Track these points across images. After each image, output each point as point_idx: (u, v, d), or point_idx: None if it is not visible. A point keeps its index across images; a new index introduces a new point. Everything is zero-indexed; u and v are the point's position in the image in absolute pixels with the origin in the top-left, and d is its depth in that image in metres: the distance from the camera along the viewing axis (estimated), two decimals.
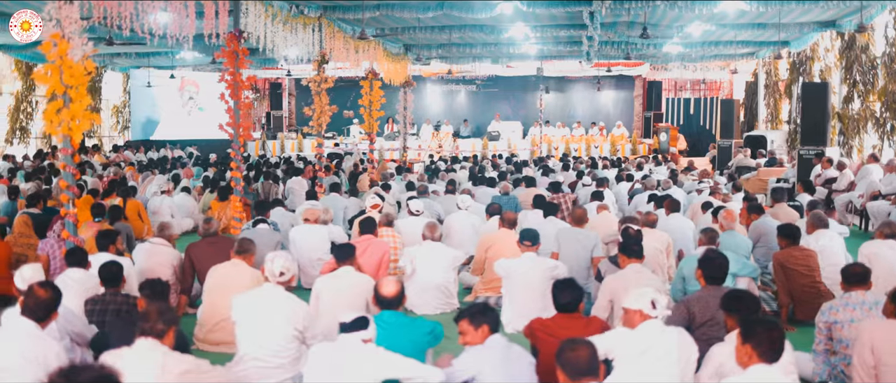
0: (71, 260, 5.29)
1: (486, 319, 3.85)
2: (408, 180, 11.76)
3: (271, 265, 4.38)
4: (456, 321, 3.89)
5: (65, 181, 6.99)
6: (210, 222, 6.45)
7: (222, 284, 5.38)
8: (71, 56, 6.74)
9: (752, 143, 17.59)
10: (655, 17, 13.61)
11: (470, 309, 3.91)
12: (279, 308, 4.32)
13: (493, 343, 3.83)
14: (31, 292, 3.72)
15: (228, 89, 9.88)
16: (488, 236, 7.10)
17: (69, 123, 6.82)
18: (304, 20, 11.77)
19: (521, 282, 5.91)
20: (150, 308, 3.40)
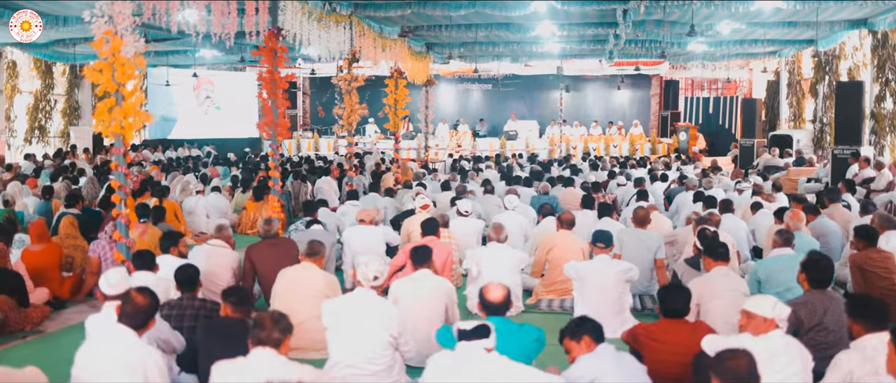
0: (139, 263, 5.13)
1: (584, 330, 3.71)
2: (443, 180, 11.59)
3: (365, 269, 4.22)
4: (560, 341, 3.77)
5: (117, 181, 6.82)
6: (271, 223, 6.28)
7: (293, 288, 5.22)
8: (123, 53, 6.57)
9: (778, 143, 17.42)
10: (687, 15, 13.44)
11: (569, 324, 3.78)
12: (374, 313, 4.16)
13: (603, 351, 3.68)
14: (129, 298, 3.55)
15: (266, 88, 9.73)
16: (549, 238, 6.94)
17: (121, 122, 6.65)
18: (336, 18, 11.60)
19: (594, 284, 5.75)
20: (264, 316, 3.24)
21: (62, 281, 6.62)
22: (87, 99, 19.75)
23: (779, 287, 5.77)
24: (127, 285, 4.13)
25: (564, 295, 6.79)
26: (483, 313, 3.96)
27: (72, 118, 19.25)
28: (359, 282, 4.25)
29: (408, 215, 8.51)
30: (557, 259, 6.79)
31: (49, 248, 6.56)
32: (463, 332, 3.37)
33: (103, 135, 7.01)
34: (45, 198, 9.90)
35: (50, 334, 5.73)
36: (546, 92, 25.65)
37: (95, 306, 6.50)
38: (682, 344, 4.01)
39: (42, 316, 5.90)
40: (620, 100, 25.65)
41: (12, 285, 5.74)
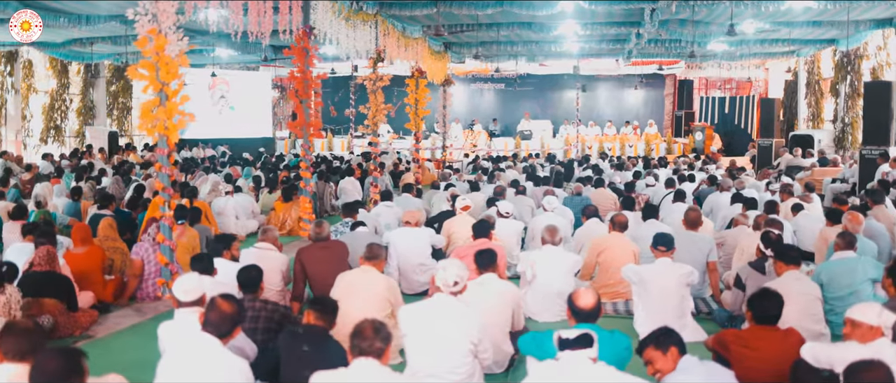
0: (197, 266, 4.99)
1: (672, 341, 3.57)
2: (472, 181, 11.45)
3: (444, 274, 4.09)
4: (639, 352, 3.62)
5: (161, 183, 6.72)
6: (321, 226, 6.15)
7: (351, 291, 5.09)
8: (168, 52, 6.45)
9: (799, 143, 17.28)
10: (713, 14, 13.34)
11: (653, 334, 3.63)
12: (454, 319, 4.03)
13: (688, 364, 3.55)
14: (215, 306, 3.43)
15: (297, 87, 9.61)
16: (599, 240, 6.81)
17: (166, 122, 6.53)
18: (363, 17, 11.48)
19: (656, 288, 5.62)
20: (365, 324, 3.11)
21: (105, 284, 6.49)
22: (102, 98, 19.64)
23: (841, 290, 5.67)
24: (201, 291, 4.01)
25: (616, 298, 6.67)
26: (572, 320, 3.84)
27: (87, 118, 19.12)
28: (439, 287, 4.12)
29: (445, 217, 8.38)
30: (609, 261, 6.68)
31: (92, 251, 6.43)
32: (565, 341, 3.24)
33: (148, 135, 6.81)
34: (73, 199, 9.77)
35: (99, 339, 5.60)
36: (559, 91, 25.53)
37: (140, 310, 6.42)
38: (775, 351, 3.89)
39: (90, 321, 5.77)
40: (633, 99, 25.54)
41: (62, 289, 5.61)
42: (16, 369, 2.94)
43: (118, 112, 20.47)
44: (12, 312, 5.10)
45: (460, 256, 6.26)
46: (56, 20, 11.88)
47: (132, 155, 17.76)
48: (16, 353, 2.99)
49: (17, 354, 2.99)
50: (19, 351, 2.99)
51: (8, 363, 2.97)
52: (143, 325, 5.97)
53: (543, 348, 3.80)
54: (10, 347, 3.02)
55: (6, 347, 3.03)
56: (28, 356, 2.96)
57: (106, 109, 19.79)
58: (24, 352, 2.98)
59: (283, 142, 23.30)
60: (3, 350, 3.04)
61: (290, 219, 10.37)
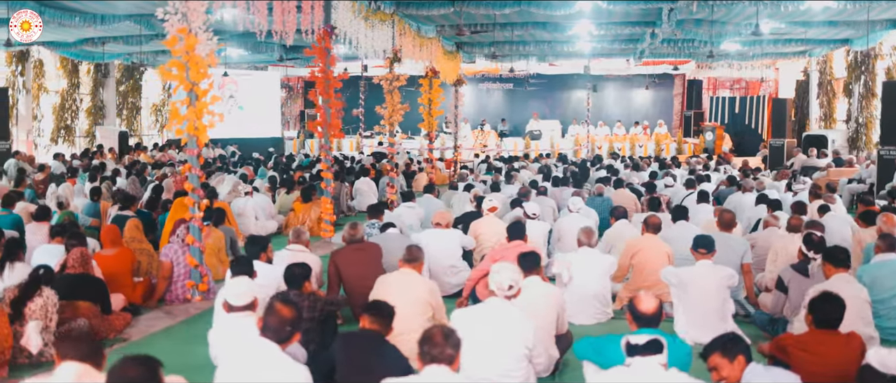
0: (237, 269, 4.92)
1: (739, 349, 3.49)
2: (493, 182, 11.38)
3: (499, 278, 4.02)
4: (704, 357, 3.54)
5: (191, 184, 6.64)
6: (356, 228, 6.08)
7: (392, 294, 4.99)
8: (198, 52, 6.38)
9: (812, 143, 17.23)
10: (731, 14, 13.27)
11: (719, 340, 3.54)
12: (509, 324, 3.97)
13: (755, 372, 3.48)
14: (274, 310, 3.35)
15: (318, 87, 9.55)
16: (634, 241, 6.75)
17: (195, 122, 6.46)
18: (380, 16, 11.41)
19: (698, 291, 5.56)
20: (435, 331, 3.04)
21: (134, 286, 6.42)
22: (112, 98, 19.58)
23: (885, 292, 5.62)
24: (253, 295, 3.94)
25: None
26: (634, 325, 3.77)
27: (97, 117, 19.05)
28: (493, 291, 4.05)
29: (470, 218, 8.30)
30: (643, 263, 6.60)
31: (122, 253, 6.36)
32: (635, 347, 3.17)
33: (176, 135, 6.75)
34: (93, 200, 9.69)
35: (134, 342, 5.52)
36: (568, 91, 25.48)
37: (170, 312, 6.35)
38: (837, 355, 3.83)
39: (124, 324, 5.70)
40: (642, 99, 25.49)
41: (95, 291, 5.54)
42: (78, 368, 2.95)
43: (127, 112, 20.41)
44: (49, 315, 5.04)
45: (495, 258, 6.20)
46: (71, 19, 11.81)
47: (143, 155, 17.68)
48: (76, 356, 2.99)
49: (76, 357, 2.99)
50: (79, 355, 3.00)
51: (70, 361, 2.98)
52: (176, 328, 5.90)
53: (605, 353, 3.74)
54: (69, 351, 3.02)
55: (65, 350, 3.03)
56: (88, 358, 2.99)
57: (115, 109, 19.71)
58: (83, 355, 3.00)
59: (291, 142, 23.24)
60: (62, 353, 3.04)
61: (309, 219, 10.29)
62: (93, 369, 2.98)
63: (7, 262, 5.71)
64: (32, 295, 4.99)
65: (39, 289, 5.02)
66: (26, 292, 4.98)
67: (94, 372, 2.99)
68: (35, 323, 4.91)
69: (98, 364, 3.02)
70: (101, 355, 3.05)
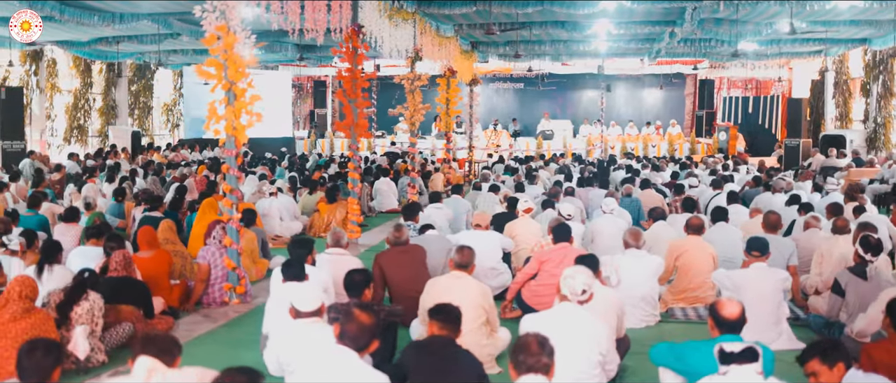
0: (288, 273, 4.81)
1: (840, 356, 3.36)
2: (517, 182, 11.27)
3: (572, 282, 3.91)
4: (802, 362, 3.41)
5: (228, 185, 6.53)
6: (401, 230, 5.97)
7: (445, 298, 4.88)
8: (237, 50, 6.27)
9: (830, 143, 17.12)
10: (754, 13, 13.15)
11: (818, 345, 3.41)
12: (583, 330, 3.86)
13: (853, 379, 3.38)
14: (353, 317, 3.24)
15: (345, 86, 9.43)
16: (677, 243, 6.64)
17: (234, 122, 6.35)
18: (403, 15, 11.30)
19: (752, 294, 5.43)
20: (529, 339, 2.94)
21: (171, 289, 6.31)
22: (124, 98, 19.46)
23: None
24: (321, 301, 3.83)
25: (696, 303, 6.50)
26: (715, 331, 3.66)
27: (109, 117, 18.94)
28: (564, 296, 3.94)
29: (504, 219, 8.18)
30: (687, 265, 6.51)
31: (159, 255, 6.24)
32: (730, 355, 3.06)
33: (214, 135, 6.64)
34: (117, 200, 9.58)
35: None
36: (579, 91, 25.38)
37: (209, 316, 6.23)
38: None
39: (167, 328, 5.59)
40: (653, 99, 25.38)
41: (139, 295, 5.43)
42: (151, 363, 3.03)
43: (139, 111, 20.29)
44: (95, 319, 4.93)
45: (542, 261, 6.10)
46: (90, 18, 11.69)
47: (156, 155, 17.56)
48: (149, 352, 3.08)
49: (150, 352, 3.07)
50: (153, 350, 3.09)
51: (143, 356, 3.05)
52: (218, 332, 5.79)
53: (688, 361, 3.63)
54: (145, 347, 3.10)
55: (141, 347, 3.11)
56: (161, 355, 3.07)
57: (127, 109, 19.61)
58: (157, 351, 3.09)
59: (301, 141, 23.12)
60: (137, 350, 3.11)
61: (334, 220, 10.18)
62: (163, 366, 3.04)
63: (46, 265, 5.59)
64: (78, 299, 4.88)
65: (85, 293, 4.91)
66: (72, 296, 4.87)
67: (165, 369, 3.06)
68: (82, 327, 4.80)
69: (169, 362, 3.09)
70: (173, 354, 3.12)
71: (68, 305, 4.84)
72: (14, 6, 10.29)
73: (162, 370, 3.05)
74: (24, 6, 10.26)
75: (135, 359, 3.08)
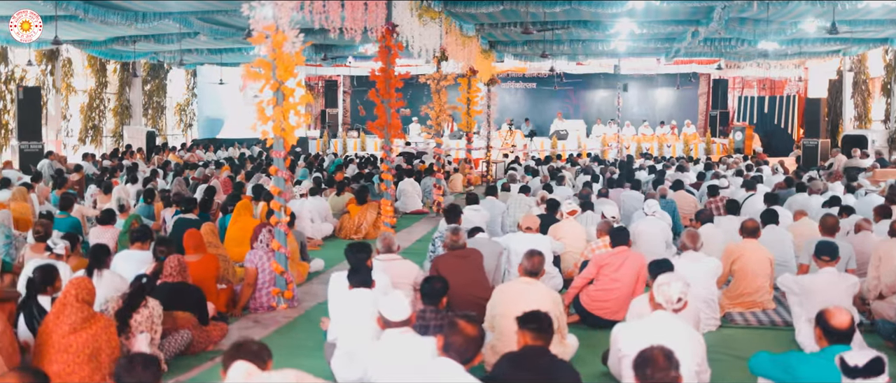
0: (356, 280, 4.67)
1: None
2: (545, 183, 11.15)
3: (668, 290, 3.78)
4: None
5: (277, 187, 6.39)
6: (458, 233, 5.83)
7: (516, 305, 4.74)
8: (286, 49, 6.13)
9: (851, 143, 17.00)
10: (782, 12, 13.03)
11: None
12: (681, 340, 3.71)
13: None
14: (458, 329, 3.11)
15: (379, 86, 9.29)
16: (734, 247, 6.51)
17: (282, 123, 6.21)
18: (430, 14, 11.16)
19: (822, 299, 5.27)
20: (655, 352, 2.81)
21: (218, 294, 6.16)
22: (138, 98, 19.30)
23: None
24: (411, 310, 3.70)
25: (754, 307, 6.37)
26: (823, 341, 3.53)
27: (123, 117, 18.78)
28: (659, 304, 3.81)
29: (545, 221, 8.04)
30: (744, 268, 6.37)
31: (207, 259, 6.09)
32: (854, 369, 2.93)
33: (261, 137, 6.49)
34: (146, 202, 9.43)
35: None
36: (592, 91, 25.25)
37: (258, 321, 6.09)
38: None
39: (221, 335, 5.45)
40: (665, 99, 25.25)
41: (194, 301, 5.29)
42: (247, 367, 3.01)
43: (153, 111, 20.14)
44: (154, 327, 4.79)
45: (601, 265, 5.97)
46: (113, 17, 11.54)
47: (172, 155, 17.42)
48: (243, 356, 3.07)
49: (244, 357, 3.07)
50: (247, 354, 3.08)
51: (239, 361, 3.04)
52: (272, 339, 5.63)
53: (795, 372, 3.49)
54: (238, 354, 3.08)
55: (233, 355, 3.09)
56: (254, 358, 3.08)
57: (142, 109, 19.46)
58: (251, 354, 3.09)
59: (313, 141, 22.97)
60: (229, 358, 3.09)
61: (365, 222, 10.05)
62: (258, 369, 3.04)
63: (94, 270, 5.44)
64: (138, 306, 4.73)
65: (144, 300, 4.77)
66: (132, 303, 4.72)
67: (260, 372, 3.05)
68: (144, 335, 4.65)
69: (263, 366, 3.08)
70: (264, 358, 3.11)
71: (128, 312, 4.69)
72: (41, 6, 10.14)
73: (257, 373, 3.04)
74: (49, 6, 10.10)
75: (228, 367, 3.05)
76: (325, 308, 6.40)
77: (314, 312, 6.37)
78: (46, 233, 6.66)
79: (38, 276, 4.75)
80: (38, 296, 4.76)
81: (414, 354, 3.55)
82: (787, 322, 6.06)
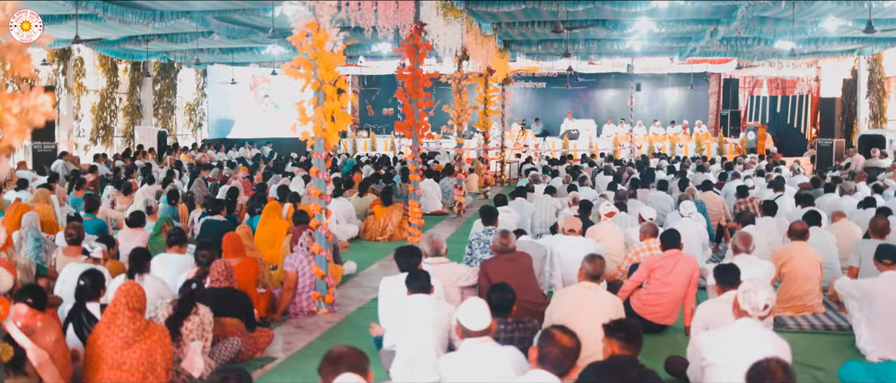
0: (415, 286, 4.55)
1: None
2: (569, 184, 11.01)
3: (754, 297, 3.65)
4: None
5: (317, 189, 6.26)
6: (507, 236, 5.69)
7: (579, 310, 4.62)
8: (328, 48, 5.99)
9: (868, 143, 16.89)
10: (805, 11, 12.91)
11: None
12: (768, 349, 3.57)
13: None
14: (554, 339, 2.98)
15: (407, 86, 9.16)
16: (783, 249, 6.39)
17: (323, 124, 6.07)
18: (454, 12, 11.03)
19: (885, 304, 5.17)
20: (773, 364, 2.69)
21: (258, 298, 6.02)
22: (149, 98, 19.14)
23: None
24: (491, 319, 3.56)
25: (804, 311, 6.25)
26: None
27: (134, 117, 18.62)
28: (745, 312, 3.67)
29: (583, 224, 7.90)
30: (794, 272, 6.25)
31: (247, 263, 5.95)
32: None
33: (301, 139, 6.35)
34: (170, 203, 9.28)
35: (285, 362, 5.12)
36: (601, 90, 25.14)
37: (301, 326, 5.95)
38: None
39: (268, 342, 5.30)
40: (675, 99, 25.15)
41: (241, 307, 5.15)
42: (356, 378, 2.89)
43: (163, 111, 19.98)
44: (205, 334, 4.64)
45: (653, 268, 5.84)
46: (132, 16, 11.38)
47: (183, 155, 17.26)
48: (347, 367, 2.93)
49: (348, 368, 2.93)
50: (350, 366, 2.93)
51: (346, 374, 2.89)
52: (318, 346, 5.48)
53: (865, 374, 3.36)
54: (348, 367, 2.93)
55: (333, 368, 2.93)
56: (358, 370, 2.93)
57: (152, 109, 19.30)
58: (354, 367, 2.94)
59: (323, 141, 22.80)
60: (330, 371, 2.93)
61: (391, 223, 9.92)
62: (364, 380, 2.92)
63: (135, 274, 5.29)
64: (189, 313, 4.59)
65: (195, 307, 4.63)
66: (183, 310, 4.58)
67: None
68: (197, 343, 4.51)
69: (365, 375, 2.95)
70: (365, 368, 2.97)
71: (179, 320, 4.55)
72: (62, 6, 9.98)
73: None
74: (69, 6, 9.95)
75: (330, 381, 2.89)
76: (368, 312, 6.32)
77: (356, 317, 6.24)
78: (79, 236, 6.53)
79: (88, 283, 4.60)
80: (87, 303, 4.61)
81: (494, 365, 3.42)
82: (840, 326, 5.95)
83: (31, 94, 3.20)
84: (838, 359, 4.94)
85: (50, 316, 4.21)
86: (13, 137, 3.05)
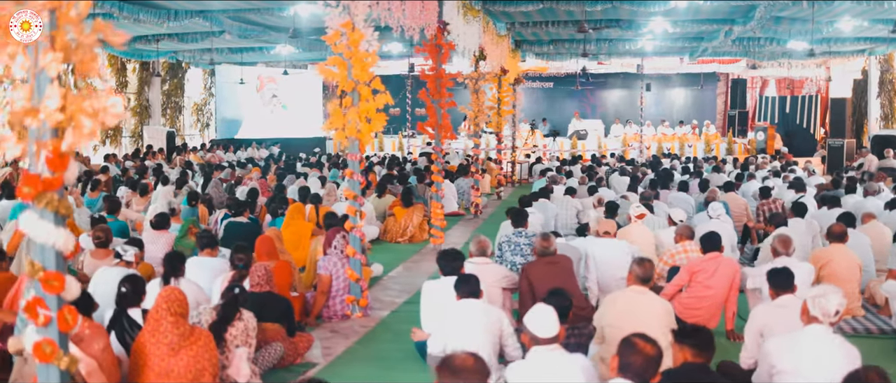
0: (465, 290, 4.46)
1: None
2: (589, 185, 10.93)
3: (824, 302, 3.56)
4: None
5: (350, 191, 6.16)
6: (548, 239, 5.61)
7: (630, 315, 4.53)
8: (363, 48, 5.89)
9: (883, 144, 16.82)
10: (822, 11, 12.84)
11: None
12: (838, 356, 3.50)
13: None
14: (637, 349, 2.90)
15: (430, 86, 9.07)
16: (820, 253, 6.33)
17: (358, 125, 5.97)
18: (472, 12, 10.95)
19: None
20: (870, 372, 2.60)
21: (292, 302, 5.91)
22: (157, 98, 19.02)
23: None
24: (559, 325, 3.47)
25: (845, 315, 6.16)
26: None
27: (142, 117, 18.50)
28: (815, 317, 3.59)
29: None
30: (833, 275, 6.16)
31: (281, 267, 5.85)
32: None
33: (335, 140, 6.24)
34: (190, 204, 9.17)
35: (329, 367, 5.02)
36: (609, 90, 25.07)
37: (336, 331, 5.86)
38: None
39: (307, 347, 5.20)
40: (683, 99, 25.08)
41: (282, 312, 5.05)
42: None
43: (171, 111, 19.86)
44: (249, 340, 4.55)
45: (693, 271, 5.76)
46: (146, 14, 11.27)
47: (193, 155, 17.14)
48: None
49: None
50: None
51: None
52: (357, 351, 5.40)
53: None
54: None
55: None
56: None
57: (161, 109, 19.18)
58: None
59: (331, 142, 22.71)
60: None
61: (411, 225, 9.82)
62: None
63: (171, 279, 5.19)
64: (233, 318, 4.49)
65: (239, 312, 4.53)
66: (227, 315, 4.48)
67: None
68: (243, 350, 4.42)
69: None
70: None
71: (223, 326, 4.46)
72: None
73: None
74: None
75: None
76: (402, 315, 6.24)
77: (391, 320, 6.15)
78: (108, 239, 6.44)
79: (129, 288, 4.50)
80: (128, 309, 4.51)
81: (565, 373, 3.33)
82: (883, 330, 5.88)
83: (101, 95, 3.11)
84: (888, 364, 4.87)
85: (98, 324, 4.11)
86: (85, 139, 2.96)
